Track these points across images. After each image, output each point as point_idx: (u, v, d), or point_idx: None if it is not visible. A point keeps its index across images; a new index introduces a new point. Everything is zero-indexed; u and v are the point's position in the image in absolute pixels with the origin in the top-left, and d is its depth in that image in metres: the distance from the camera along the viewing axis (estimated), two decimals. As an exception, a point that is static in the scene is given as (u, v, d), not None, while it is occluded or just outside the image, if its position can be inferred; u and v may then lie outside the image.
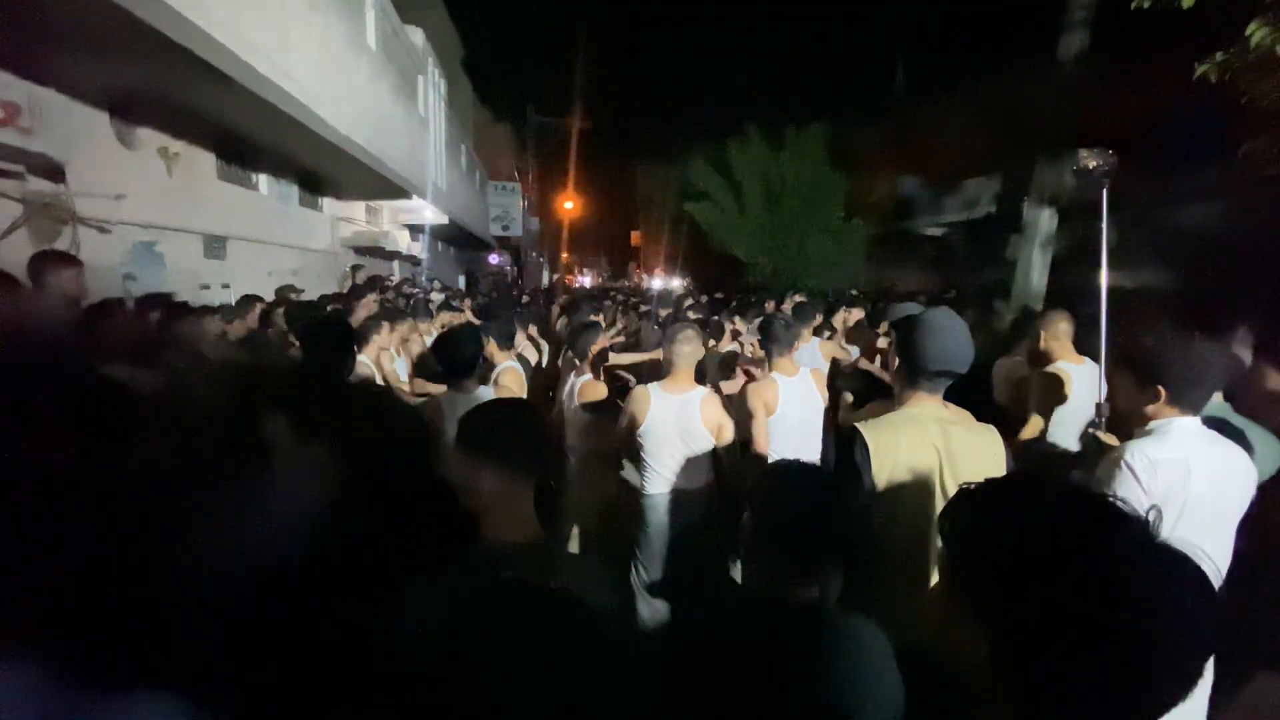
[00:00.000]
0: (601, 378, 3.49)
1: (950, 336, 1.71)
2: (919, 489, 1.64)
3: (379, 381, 3.74)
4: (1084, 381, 3.02)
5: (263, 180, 6.99)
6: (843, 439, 1.75)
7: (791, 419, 2.79)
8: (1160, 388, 1.72)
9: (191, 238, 5.58)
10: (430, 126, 10.55)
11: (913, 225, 13.13)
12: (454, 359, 2.59)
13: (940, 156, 11.45)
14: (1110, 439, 1.97)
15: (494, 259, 23.15)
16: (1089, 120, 7.44)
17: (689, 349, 2.73)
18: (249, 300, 4.73)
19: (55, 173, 3.92)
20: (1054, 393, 3.00)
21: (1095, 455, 1.95)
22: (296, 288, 6.17)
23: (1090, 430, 2.07)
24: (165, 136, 5.10)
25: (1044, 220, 8.93)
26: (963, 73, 11.45)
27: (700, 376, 3.17)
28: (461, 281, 16.33)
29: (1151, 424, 1.74)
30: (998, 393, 4.03)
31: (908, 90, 15.96)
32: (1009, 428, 3.26)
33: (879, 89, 16.88)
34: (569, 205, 29.44)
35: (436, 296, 7.90)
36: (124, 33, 3.23)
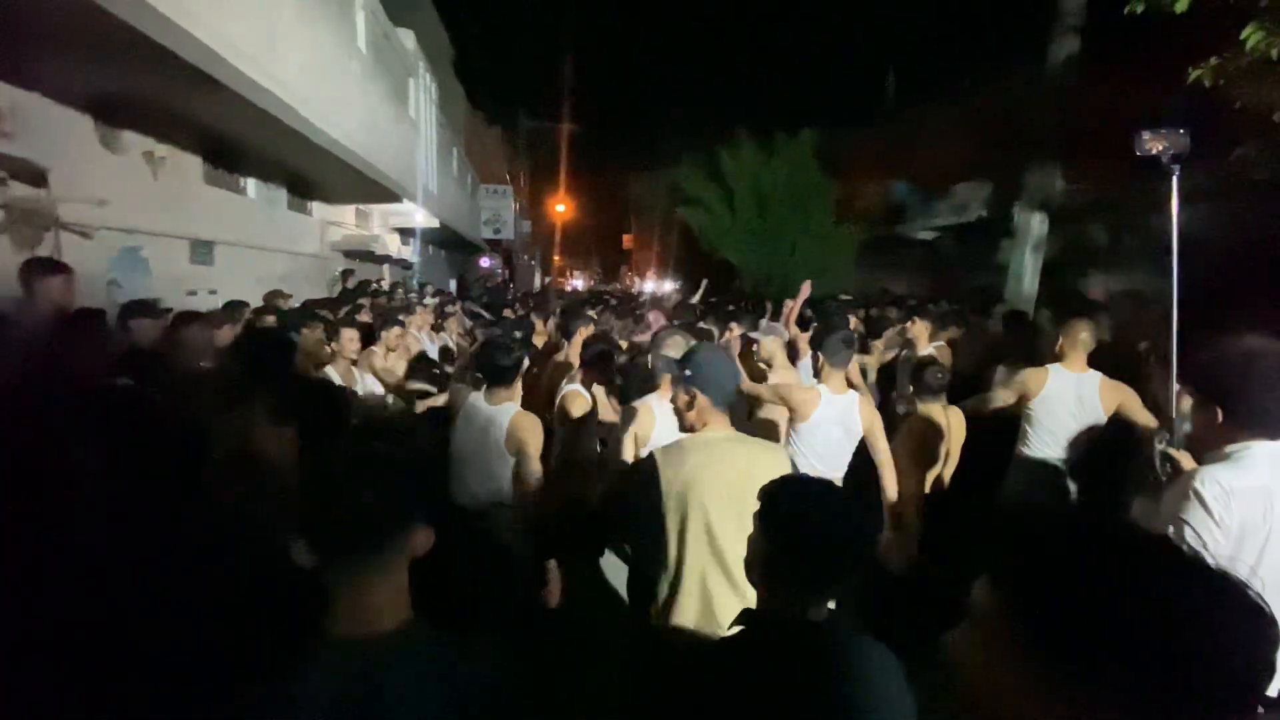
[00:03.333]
0: (590, 383, 3.42)
1: (727, 362, 1.95)
2: (709, 506, 1.77)
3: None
4: (1068, 388, 2.97)
5: (250, 184, 6.90)
6: (636, 462, 1.91)
7: (824, 435, 2.69)
8: (1217, 408, 1.54)
9: (178, 243, 5.48)
10: (421, 129, 10.48)
11: (903, 230, 13.18)
12: (496, 366, 2.51)
13: (930, 161, 11.50)
14: (1185, 458, 1.80)
15: (485, 262, 23.05)
16: (1079, 124, 7.50)
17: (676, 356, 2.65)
18: (235, 306, 4.65)
19: (37, 178, 3.83)
20: (1021, 388, 3.00)
21: (1168, 476, 1.81)
22: (285, 293, 6.08)
23: (1161, 446, 1.88)
24: (150, 140, 5.01)
25: (1035, 224, 8.98)
26: (953, 77, 11.53)
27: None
28: (453, 285, 16.22)
29: (1229, 448, 1.54)
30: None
31: (898, 95, 16.06)
32: (1013, 436, 3.22)
33: (870, 94, 16.98)
34: (561, 208, 29.37)
35: (430, 301, 7.82)
36: (108, 36, 3.15)
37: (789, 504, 1.25)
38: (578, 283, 31.47)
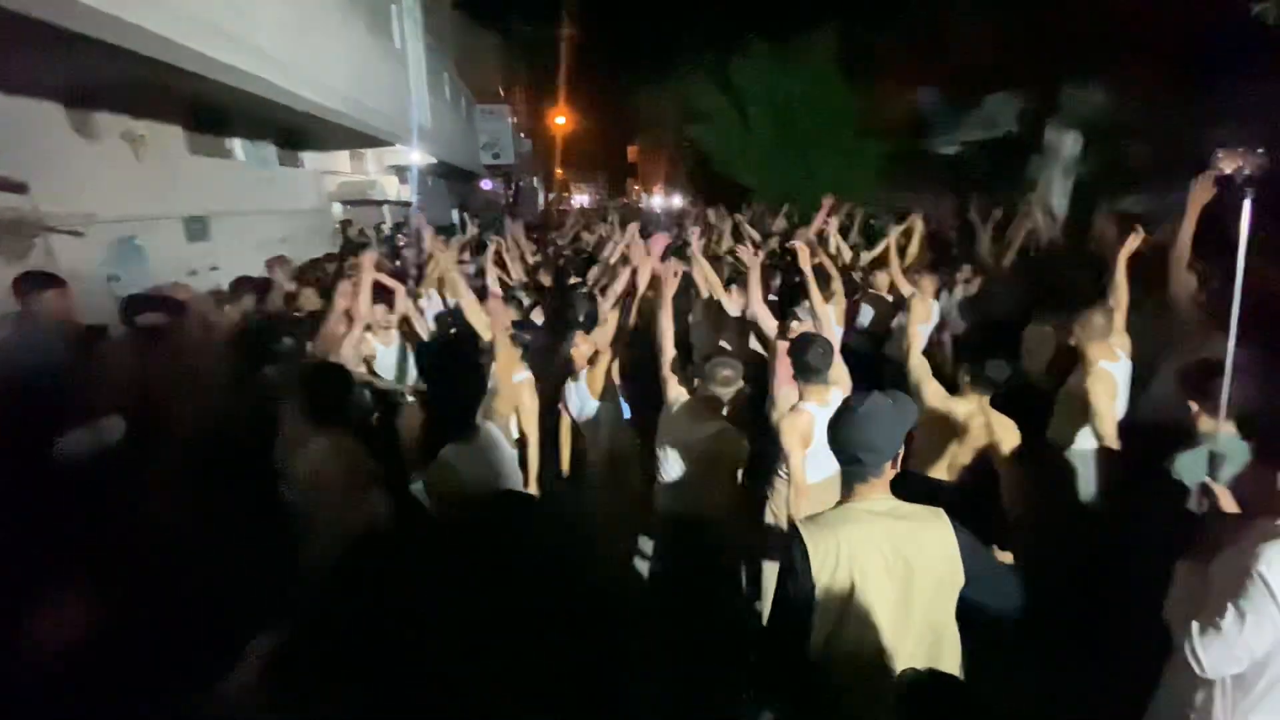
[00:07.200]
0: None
1: (877, 423, 1.48)
2: (866, 595, 1.44)
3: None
4: (1122, 376, 2.91)
5: (238, 146, 6.58)
6: (784, 539, 1.59)
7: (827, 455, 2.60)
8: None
9: (171, 223, 5.31)
10: (409, 60, 9.82)
11: (926, 144, 12.40)
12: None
13: (957, 71, 10.62)
14: (1227, 499, 1.50)
15: (486, 185, 22.31)
16: (1124, 34, 6.81)
17: (727, 391, 2.59)
18: (242, 283, 4.54)
19: (17, 186, 3.66)
20: (1110, 394, 2.84)
21: (1204, 509, 1.55)
22: (288, 258, 5.92)
23: (1207, 482, 1.57)
24: (126, 119, 4.74)
25: (1068, 142, 8.44)
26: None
27: None
28: (455, 216, 15.77)
29: None
30: (1029, 362, 3.82)
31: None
32: (1038, 403, 3.13)
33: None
34: (561, 121, 27.99)
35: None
36: (57, 39, 2.91)
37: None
38: (582, 199, 30.45)
